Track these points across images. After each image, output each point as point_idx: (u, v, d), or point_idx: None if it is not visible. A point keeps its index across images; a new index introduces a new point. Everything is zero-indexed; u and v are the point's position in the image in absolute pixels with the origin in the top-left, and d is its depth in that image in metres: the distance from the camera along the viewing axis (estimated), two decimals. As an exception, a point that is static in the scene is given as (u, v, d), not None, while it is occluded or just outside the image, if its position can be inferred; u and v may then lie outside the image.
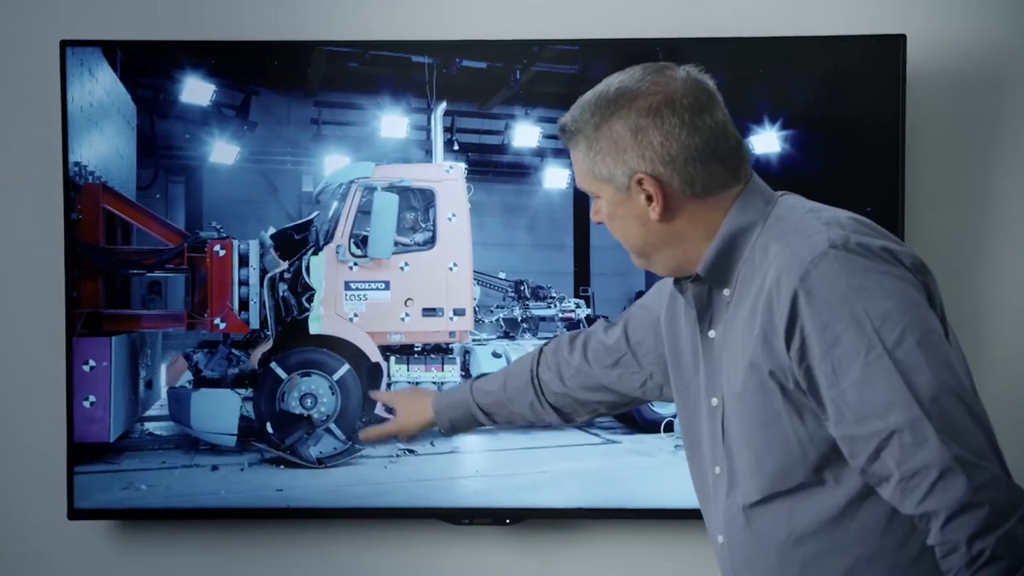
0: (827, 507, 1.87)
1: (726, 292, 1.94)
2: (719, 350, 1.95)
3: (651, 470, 2.18)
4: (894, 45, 3.29)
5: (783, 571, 1.91)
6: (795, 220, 1.90)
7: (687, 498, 2.15)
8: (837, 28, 3.35)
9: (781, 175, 3.31)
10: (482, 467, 3.48)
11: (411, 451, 3.46)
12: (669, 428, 3.43)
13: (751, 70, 3.31)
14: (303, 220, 3.51)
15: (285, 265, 3.48)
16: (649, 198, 1.91)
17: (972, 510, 1.71)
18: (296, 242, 3.50)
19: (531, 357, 2.43)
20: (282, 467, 3.44)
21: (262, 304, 3.47)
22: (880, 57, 3.30)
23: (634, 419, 3.50)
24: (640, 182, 1.90)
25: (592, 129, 1.92)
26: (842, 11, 3.41)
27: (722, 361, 1.94)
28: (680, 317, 2.09)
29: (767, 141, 3.34)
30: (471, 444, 3.50)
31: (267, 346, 3.47)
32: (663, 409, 3.44)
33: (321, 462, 3.44)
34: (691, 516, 3.45)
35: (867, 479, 1.82)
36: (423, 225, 3.57)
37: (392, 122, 3.46)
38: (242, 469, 3.44)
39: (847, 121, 3.34)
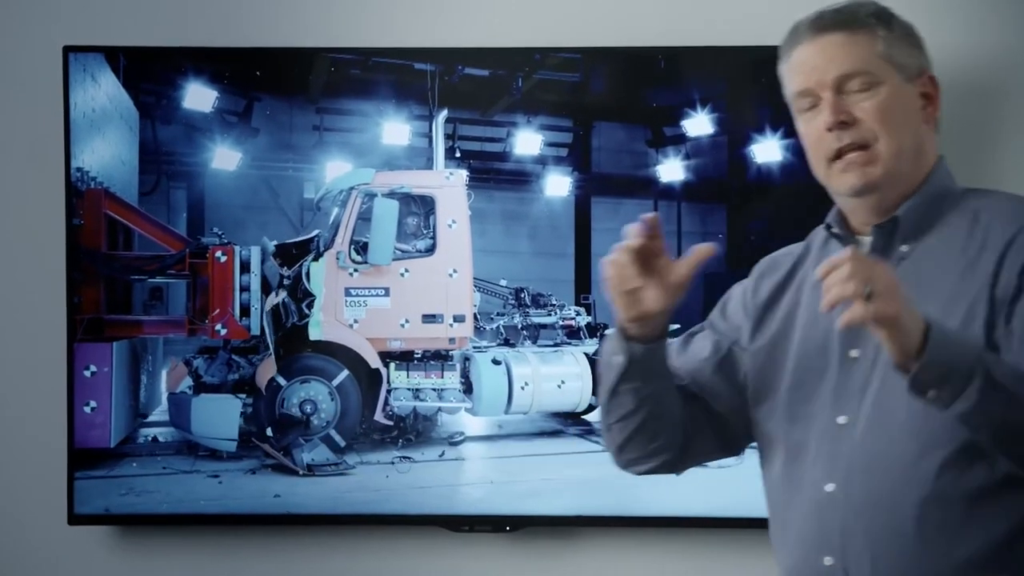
0: (981, 477, 1.83)
1: (903, 248, 1.95)
2: None
3: (652, 478, 2.16)
4: (895, 54, 3.29)
5: (918, 528, 1.85)
6: (1007, 193, 2.03)
7: (688, 506, 2.13)
8: (838, 37, 3.35)
9: (783, 184, 3.31)
10: (483, 474, 3.48)
11: (409, 458, 3.45)
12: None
13: (753, 78, 3.31)
14: (304, 238, 3.51)
15: (283, 297, 3.48)
16: (927, 99, 2.00)
17: None
18: (296, 254, 3.51)
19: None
20: (287, 474, 3.43)
21: (262, 313, 3.47)
22: (881, 66, 3.30)
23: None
24: (924, 83, 1.99)
25: (893, 17, 1.98)
26: (843, 20, 3.41)
27: None
28: (789, 289, 2.06)
29: (769, 150, 3.33)
30: (472, 451, 3.50)
31: (272, 370, 3.46)
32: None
33: (311, 469, 3.42)
34: (692, 524, 3.47)
35: None
36: (423, 232, 3.57)
37: (394, 129, 3.46)
38: (252, 473, 3.43)
39: (848, 130, 3.34)
